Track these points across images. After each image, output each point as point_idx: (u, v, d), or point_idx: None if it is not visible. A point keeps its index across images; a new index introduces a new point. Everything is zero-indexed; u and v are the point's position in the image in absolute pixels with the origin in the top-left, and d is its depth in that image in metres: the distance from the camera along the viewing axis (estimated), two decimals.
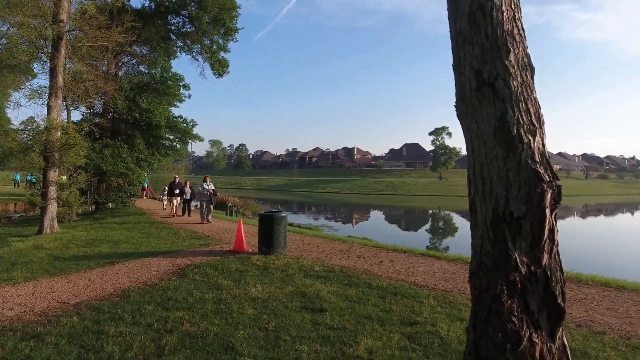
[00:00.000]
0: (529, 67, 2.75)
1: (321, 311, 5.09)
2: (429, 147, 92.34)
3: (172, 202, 18.09)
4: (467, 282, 2.85)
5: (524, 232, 2.56)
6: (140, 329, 4.52)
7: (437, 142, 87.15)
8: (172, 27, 21.82)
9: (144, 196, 31.72)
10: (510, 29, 2.75)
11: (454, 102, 2.98)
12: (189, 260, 8.31)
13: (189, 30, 21.45)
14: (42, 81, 42.53)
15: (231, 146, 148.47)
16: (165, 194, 19.91)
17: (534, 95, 2.74)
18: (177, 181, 18.34)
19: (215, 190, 15.73)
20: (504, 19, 2.74)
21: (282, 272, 7.13)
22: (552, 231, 2.59)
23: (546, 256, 2.57)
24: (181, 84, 23.06)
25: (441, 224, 35.97)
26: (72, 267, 7.87)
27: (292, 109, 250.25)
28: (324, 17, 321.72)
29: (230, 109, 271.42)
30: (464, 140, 2.93)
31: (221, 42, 21.46)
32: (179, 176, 21.23)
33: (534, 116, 2.68)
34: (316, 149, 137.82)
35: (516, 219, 2.57)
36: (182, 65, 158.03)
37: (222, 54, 21.80)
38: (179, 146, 24.77)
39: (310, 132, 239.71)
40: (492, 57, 2.70)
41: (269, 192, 73.39)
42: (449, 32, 2.99)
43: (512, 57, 2.69)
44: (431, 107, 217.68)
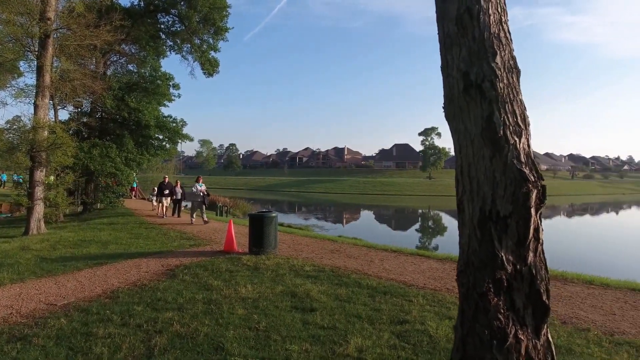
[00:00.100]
0: (514, 70, 2.81)
1: (311, 311, 5.11)
2: (418, 147, 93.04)
3: (162, 203, 17.91)
4: (455, 280, 2.90)
5: (510, 231, 2.61)
6: (129, 330, 4.48)
7: (427, 143, 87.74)
8: (162, 26, 21.70)
9: (132, 196, 31.42)
10: (496, 32, 2.80)
11: (443, 103, 3.02)
12: (178, 260, 8.26)
13: (178, 29, 21.35)
14: (29, 80, 41.96)
15: (221, 146, 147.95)
16: (154, 194, 19.75)
17: (520, 97, 2.79)
18: (166, 181, 18.13)
19: (207, 191, 15.63)
20: (491, 22, 2.79)
21: (272, 272, 7.13)
22: (537, 230, 2.65)
23: (531, 254, 2.63)
24: (171, 84, 22.91)
25: (430, 223, 36.26)
26: (60, 269, 7.76)
27: (283, 109, 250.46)
28: (313, 18, 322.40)
29: (220, 109, 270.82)
30: (452, 140, 2.98)
31: (211, 41, 21.42)
32: (168, 176, 21.07)
33: (519, 117, 2.73)
34: (307, 149, 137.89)
35: (502, 218, 2.62)
36: (172, 64, 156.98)
37: (212, 53, 21.78)
38: (168, 146, 24.59)
39: (300, 132, 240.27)
40: (479, 59, 2.75)
41: (260, 192, 73.19)
42: (437, 34, 3.03)
43: (498, 59, 2.74)
44: (421, 107, 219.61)
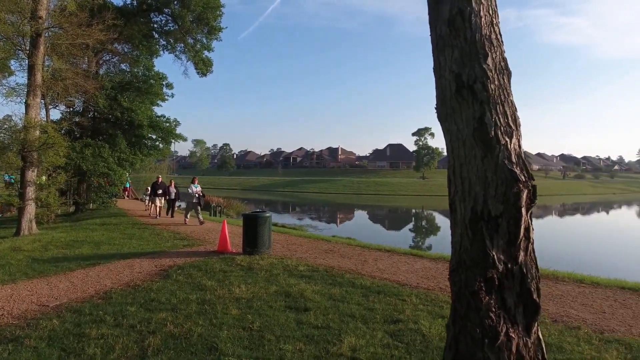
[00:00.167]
0: (506, 71, 2.84)
1: (305, 310, 5.12)
2: (412, 147, 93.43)
3: (155, 203, 17.80)
4: (447, 279, 2.93)
5: (501, 231, 2.65)
6: (122, 331, 4.47)
7: (420, 143, 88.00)
8: (155, 26, 21.57)
9: (125, 197, 31.22)
10: (488, 33, 2.83)
11: (435, 104, 3.05)
12: (172, 261, 8.23)
13: (172, 28, 21.24)
14: (20, 79, 41.30)
15: (215, 146, 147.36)
16: (147, 194, 19.63)
17: (511, 98, 2.83)
18: (159, 181, 18.04)
19: (203, 192, 15.57)
20: (483, 24, 2.82)
21: (266, 272, 7.13)
22: (527, 229, 2.68)
23: (522, 254, 2.66)
24: (164, 83, 22.81)
25: (424, 223, 36.43)
26: (52, 269, 7.70)
27: (277, 109, 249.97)
28: (307, 17, 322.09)
29: (214, 109, 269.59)
30: (445, 141, 3.01)
31: (205, 41, 21.32)
32: (161, 176, 20.96)
33: (510, 118, 2.77)
34: (300, 149, 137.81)
35: (494, 218, 2.66)
36: (165, 64, 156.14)
37: (205, 53, 21.68)
38: (161, 146, 24.46)
39: (294, 132, 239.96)
40: (471, 60, 2.78)
41: (253, 192, 73.00)
42: (430, 35, 3.06)
43: (489, 61, 2.77)
44: (414, 108, 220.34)
